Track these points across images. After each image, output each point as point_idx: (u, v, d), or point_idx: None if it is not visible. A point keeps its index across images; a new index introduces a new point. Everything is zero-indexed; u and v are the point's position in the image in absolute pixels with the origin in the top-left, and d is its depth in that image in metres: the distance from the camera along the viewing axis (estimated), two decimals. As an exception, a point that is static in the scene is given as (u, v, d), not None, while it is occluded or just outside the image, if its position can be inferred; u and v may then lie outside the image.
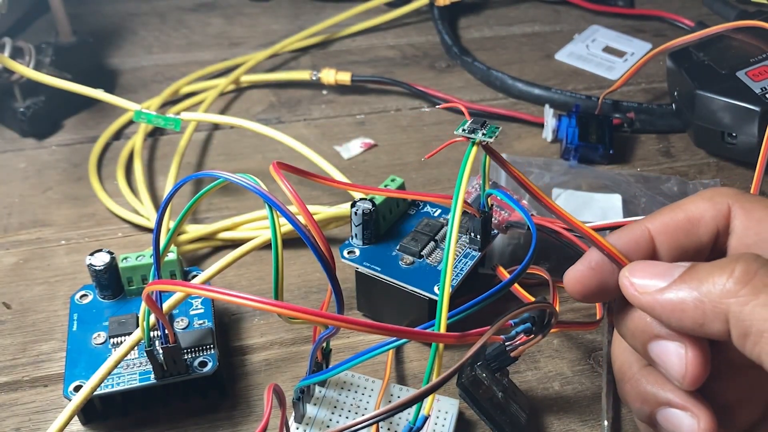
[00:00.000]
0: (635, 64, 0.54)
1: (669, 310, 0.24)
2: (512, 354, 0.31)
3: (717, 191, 0.28)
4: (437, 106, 0.56)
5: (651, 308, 0.25)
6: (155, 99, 0.56)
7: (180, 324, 0.36)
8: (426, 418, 0.27)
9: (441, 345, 0.27)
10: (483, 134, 0.30)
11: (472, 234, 0.37)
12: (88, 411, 0.34)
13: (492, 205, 0.37)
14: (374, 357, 0.28)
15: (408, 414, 0.34)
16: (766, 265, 0.23)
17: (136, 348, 0.34)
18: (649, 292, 0.25)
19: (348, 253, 0.37)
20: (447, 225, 0.38)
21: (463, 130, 0.31)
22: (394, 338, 0.27)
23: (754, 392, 0.27)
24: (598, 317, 0.38)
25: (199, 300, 0.37)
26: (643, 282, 0.25)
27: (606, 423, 0.34)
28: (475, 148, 0.31)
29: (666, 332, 0.25)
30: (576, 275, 0.28)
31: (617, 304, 0.28)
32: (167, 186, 0.48)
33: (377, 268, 0.36)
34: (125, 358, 0.33)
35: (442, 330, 0.27)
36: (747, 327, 0.22)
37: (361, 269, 0.37)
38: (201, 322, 0.36)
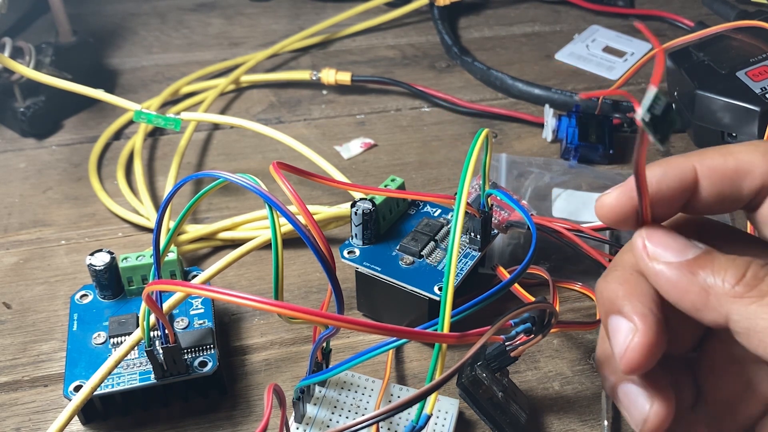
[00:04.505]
0: (635, 64, 0.54)
1: (672, 285, 0.24)
2: (512, 354, 0.31)
3: None
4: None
5: (655, 277, 0.25)
6: (155, 99, 0.56)
7: (180, 324, 0.36)
8: (428, 417, 0.27)
9: (444, 344, 0.27)
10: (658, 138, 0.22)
11: (472, 234, 0.37)
12: (88, 411, 0.34)
13: (492, 205, 0.37)
14: (374, 357, 0.28)
15: (408, 414, 0.34)
16: None
17: (136, 348, 0.34)
18: (659, 261, 0.25)
19: (348, 253, 0.37)
20: (447, 225, 0.38)
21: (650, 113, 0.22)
22: (394, 338, 0.27)
23: (755, 387, 0.27)
24: (597, 317, 0.38)
25: (199, 300, 0.37)
26: (656, 250, 0.25)
27: (606, 423, 0.34)
28: (481, 141, 0.30)
29: (628, 310, 0.25)
30: (612, 200, 0.26)
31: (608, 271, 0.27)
32: (167, 186, 0.48)
33: (377, 268, 0.36)
34: (125, 358, 0.33)
35: (446, 330, 0.27)
36: (752, 325, 0.23)
37: (361, 269, 0.37)
38: (201, 322, 0.36)
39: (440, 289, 0.35)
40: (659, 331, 0.25)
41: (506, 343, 0.31)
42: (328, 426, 0.33)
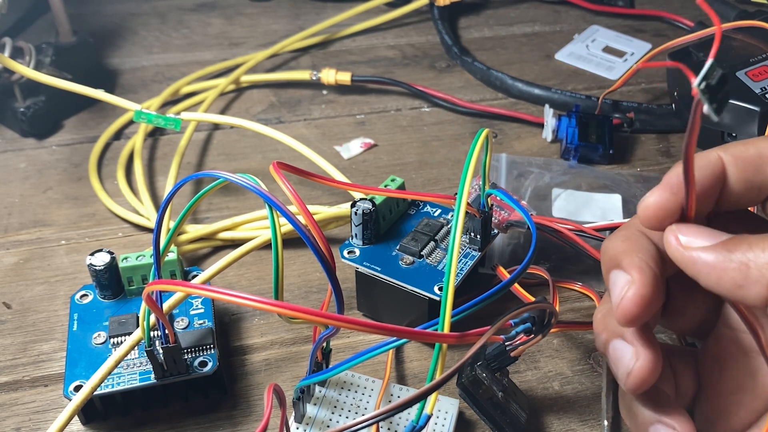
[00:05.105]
0: (635, 64, 0.54)
1: (710, 267, 0.24)
2: (512, 354, 0.31)
3: None
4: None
5: (692, 264, 0.25)
6: (155, 99, 0.56)
7: (180, 324, 0.36)
8: (428, 417, 0.27)
9: (444, 344, 0.27)
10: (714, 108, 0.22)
11: (472, 234, 0.37)
12: (89, 411, 0.34)
13: (492, 205, 0.37)
14: (374, 357, 0.28)
15: (408, 414, 0.34)
16: None
17: (136, 348, 0.34)
18: (692, 248, 0.25)
19: (348, 253, 0.37)
20: (447, 225, 0.38)
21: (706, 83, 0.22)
22: (394, 338, 0.27)
23: (761, 379, 0.27)
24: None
25: (200, 300, 0.37)
26: (689, 239, 0.25)
27: (606, 423, 0.34)
28: (482, 140, 0.30)
29: (627, 263, 0.26)
30: (657, 202, 0.26)
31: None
32: (167, 186, 0.48)
33: (377, 268, 0.36)
34: (125, 358, 0.33)
35: (446, 330, 0.27)
36: None
37: (361, 269, 0.37)
38: (201, 321, 0.36)
39: (440, 289, 0.35)
40: (656, 285, 0.26)
41: (506, 343, 0.31)
42: (328, 426, 0.33)
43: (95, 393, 0.32)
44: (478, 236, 0.37)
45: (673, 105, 0.54)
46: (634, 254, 0.26)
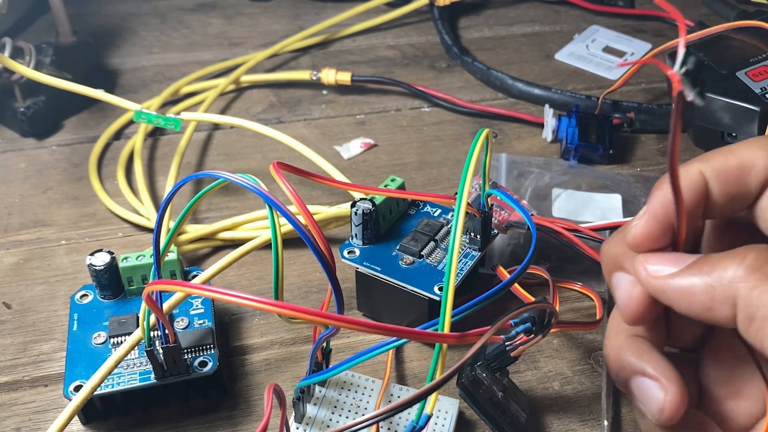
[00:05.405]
0: (635, 64, 0.54)
1: (679, 295, 0.25)
2: (512, 354, 0.31)
3: None
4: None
5: (662, 292, 0.25)
6: (155, 99, 0.56)
7: (180, 324, 0.36)
8: (428, 417, 0.27)
9: (444, 344, 0.27)
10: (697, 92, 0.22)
11: (472, 234, 0.37)
12: (89, 411, 0.34)
13: (492, 205, 0.37)
14: (374, 357, 0.28)
15: (408, 414, 0.34)
16: None
17: (136, 348, 0.34)
18: (660, 276, 0.25)
19: (348, 253, 0.37)
20: (447, 225, 0.38)
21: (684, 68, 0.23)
22: (395, 338, 0.27)
23: (758, 384, 0.27)
24: (597, 317, 0.38)
25: (200, 300, 0.37)
26: (655, 267, 0.26)
27: (606, 423, 0.34)
28: (482, 138, 0.30)
29: (629, 265, 0.27)
30: (643, 232, 0.27)
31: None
32: (167, 186, 0.48)
33: (377, 268, 0.36)
34: (125, 358, 0.33)
35: (446, 330, 0.27)
36: (753, 312, 0.23)
37: (361, 269, 0.37)
38: (201, 322, 0.36)
39: (440, 289, 0.35)
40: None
41: (506, 343, 0.31)
42: (328, 426, 0.33)
43: (95, 393, 0.32)
44: (478, 236, 0.37)
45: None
46: (634, 255, 0.27)
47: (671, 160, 0.23)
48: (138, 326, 0.34)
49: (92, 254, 0.36)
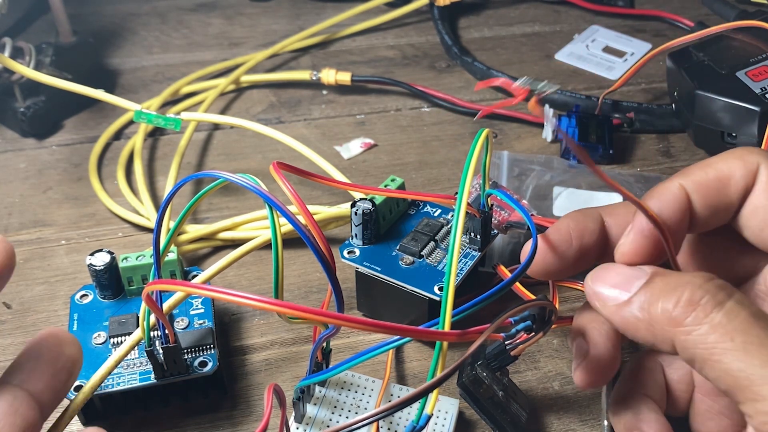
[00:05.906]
0: (635, 64, 0.54)
1: (625, 325, 0.26)
2: (512, 353, 0.31)
3: (748, 150, 0.28)
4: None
5: (611, 320, 0.26)
6: (155, 99, 0.56)
7: (180, 324, 0.36)
8: (428, 417, 0.27)
9: (445, 343, 0.27)
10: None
11: (472, 234, 0.37)
12: (89, 411, 0.34)
13: (492, 205, 0.37)
14: (374, 357, 0.28)
15: (408, 414, 0.34)
16: (713, 290, 0.24)
17: (136, 348, 0.34)
18: (608, 306, 0.26)
19: (348, 253, 0.37)
20: (447, 225, 0.38)
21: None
22: (395, 338, 0.27)
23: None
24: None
25: (200, 300, 0.37)
26: (606, 293, 0.26)
27: (606, 423, 0.34)
28: (483, 137, 0.30)
29: (588, 333, 0.30)
30: (634, 248, 0.27)
31: None
32: (167, 186, 0.48)
33: (377, 268, 0.36)
34: (125, 358, 0.33)
35: (447, 328, 0.27)
36: (692, 354, 0.24)
37: (361, 269, 0.37)
38: (201, 321, 0.36)
39: (440, 289, 0.35)
40: (612, 353, 0.29)
41: (506, 342, 0.31)
42: (328, 426, 0.33)
43: (95, 393, 0.32)
44: (478, 236, 0.37)
45: (673, 105, 0.54)
46: (592, 325, 0.30)
47: (623, 191, 0.25)
48: (138, 326, 0.34)
49: (92, 254, 0.36)
